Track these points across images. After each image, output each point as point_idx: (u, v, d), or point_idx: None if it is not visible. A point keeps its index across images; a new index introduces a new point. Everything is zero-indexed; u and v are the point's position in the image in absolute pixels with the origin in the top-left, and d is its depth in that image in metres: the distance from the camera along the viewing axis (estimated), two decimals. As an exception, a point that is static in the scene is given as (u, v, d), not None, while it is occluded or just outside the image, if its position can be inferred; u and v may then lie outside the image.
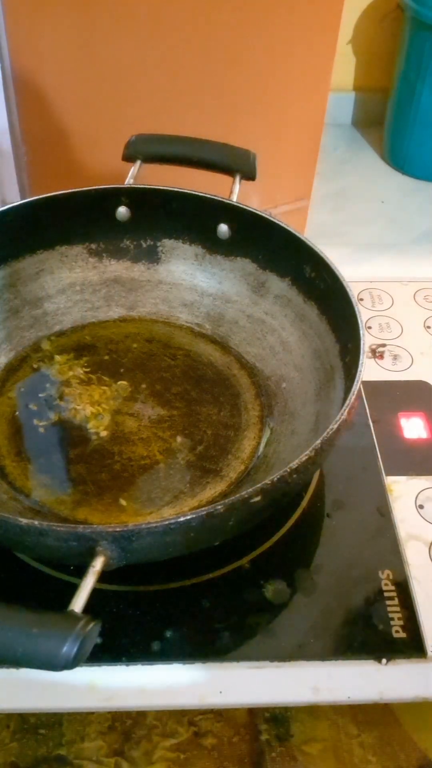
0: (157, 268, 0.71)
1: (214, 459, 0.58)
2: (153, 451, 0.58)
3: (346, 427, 0.47)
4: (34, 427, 0.60)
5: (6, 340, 0.66)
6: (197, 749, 0.45)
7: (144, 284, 0.71)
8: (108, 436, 0.59)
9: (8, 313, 0.67)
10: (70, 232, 0.68)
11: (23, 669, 0.47)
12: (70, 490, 0.55)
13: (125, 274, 0.71)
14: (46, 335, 0.68)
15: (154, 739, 0.46)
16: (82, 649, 0.35)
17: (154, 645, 0.48)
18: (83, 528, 0.40)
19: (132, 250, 0.70)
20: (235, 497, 0.41)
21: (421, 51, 1.89)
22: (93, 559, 0.40)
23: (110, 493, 0.55)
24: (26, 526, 0.40)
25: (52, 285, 0.69)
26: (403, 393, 0.65)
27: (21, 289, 0.67)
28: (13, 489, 0.55)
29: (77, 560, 0.40)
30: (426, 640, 0.48)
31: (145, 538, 0.40)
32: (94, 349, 0.67)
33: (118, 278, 0.70)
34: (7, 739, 0.46)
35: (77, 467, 0.57)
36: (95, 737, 0.46)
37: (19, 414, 0.61)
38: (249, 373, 0.65)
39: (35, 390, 0.63)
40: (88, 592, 0.38)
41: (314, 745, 0.45)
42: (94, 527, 0.40)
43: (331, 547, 0.54)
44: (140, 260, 0.70)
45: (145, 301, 0.70)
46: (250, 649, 0.48)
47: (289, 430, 0.58)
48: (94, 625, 0.36)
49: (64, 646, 0.35)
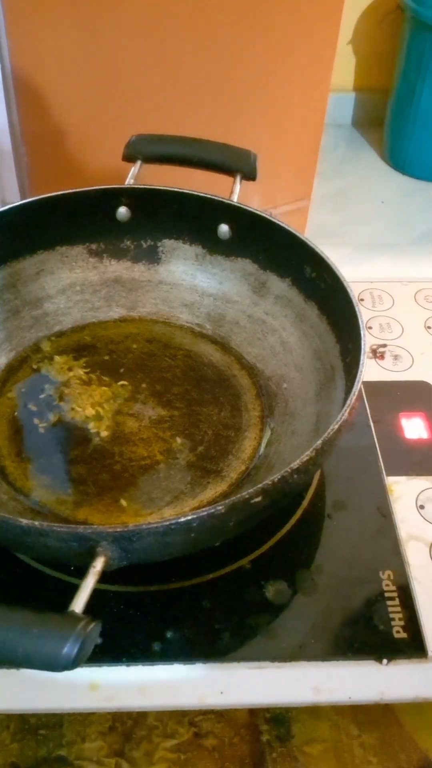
0: (157, 268, 0.70)
1: (215, 459, 0.58)
2: (153, 452, 0.58)
3: (347, 428, 0.47)
4: (35, 428, 0.60)
5: (6, 341, 0.66)
6: (198, 750, 0.45)
7: (144, 284, 0.71)
8: (108, 436, 0.59)
9: (8, 314, 0.66)
10: (71, 232, 0.68)
11: (24, 670, 0.47)
12: (71, 490, 0.55)
13: (126, 275, 0.71)
14: (46, 335, 0.67)
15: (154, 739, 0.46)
16: (82, 650, 0.35)
17: (154, 645, 0.48)
18: (84, 528, 0.40)
19: (132, 251, 0.70)
20: (236, 498, 0.41)
21: (421, 51, 1.89)
22: (93, 559, 0.39)
23: (111, 493, 0.55)
24: (27, 527, 0.40)
25: (52, 285, 0.69)
26: (404, 393, 0.65)
27: (21, 289, 0.67)
28: (14, 489, 0.55)
29: (78, 561, 0.40)
30: (427, 640, 0.48)
31: (145, 539, 0.40)
32: (94, 350, 0.67)
33: (118, 278, 0.70)
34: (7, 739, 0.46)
35: (77, 468, 0.57)
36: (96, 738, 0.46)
37: (19, 414, 0.61)
38: (249, 373, 0.65)
39: (35, 390, 0.63)
40: (88, 593, 0.38)
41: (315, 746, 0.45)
42: (94, 528, 0.40)
43: (332, 548, 0.54)
44: (141, 260, 0.70)
45: (146, 302, 0.70)
46: (250, 649, 0.48)
47: (289, 431, 0.58)
48: (95, 626, 0.36)
49: (65, 647, 0.35)
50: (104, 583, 0.50)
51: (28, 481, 0.56)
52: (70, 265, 0.69)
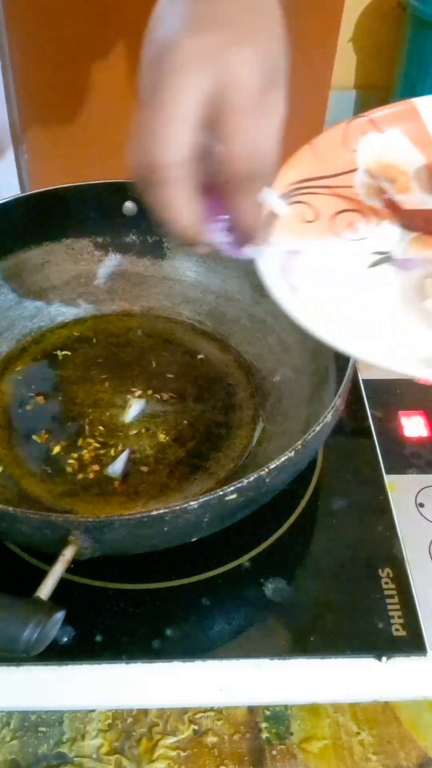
0: (162, 263, 0.71)
1: (205, 456, 0.58)
2: (144, 445, 0.58)
3: (328, 430, 0.47)
4: (29, 417, 0.60)
5: (8, 329, 0.66)
6: (198, 747, 0.45)
7: (148, 279, 0.71)
8: (101, 429, 0.59)
9: (12, 303, 0.67)
10: (78, 224, 0.68)
11: (23, 668, 0.47)
12: (59, 480, 0.56)
13: (130, 269, 0.71)
14: (48, 326, 0.68)
15: (154, 737, 0.46)
16: (43, 635, 0.35)
17: (154, 643, 0.48)
18: (56, 517, 0.40)
19: (138, 245, 0.70)
20: (210, 494, 0.41)
21: (423, 49, 1.89)
22: (64, 547, 0.40)
23: (98, 485, 0.55)
24: (1, 512, 0.40)
25: (56, 276, 0.69)
26: (404, 391, 0.65)
27: (26, 279, 0.68)
28: (3, 476, 0.56)
29: (51, 548, 0.41)
30: (426, 638, 0.48)
31: (117, 530, 0.41)
32: (94, 342, 0.67)
33: (122, 272, 0.71)
34: (7, 737, 0.46)
35: (68, 458, 0.57)
36: (96, 735, 0.46)
37: (14, 403, 0.61)
38: (246, 372, 0.65)
39: (33, 380, 0.63)
40: (55, 580, 0.39)
41: (314, 743, 0.46)
42: (67, 516, 0.41)
43: (331, 545, 0.54)
44: (145, 255, 0.71)
45: (149, 296, 0.71)
46: (250, 647, 0.48)
47: (280, 431, 0.58)
48: (58, 613, 0.37)
49: (25, 631, 0.35)
50: (104, 580, 0.50)
51: (17, 469, 0.57)
52: (76, 258, 0.70)
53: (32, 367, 0.65)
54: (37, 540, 0.43)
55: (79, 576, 0.50)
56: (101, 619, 0.49)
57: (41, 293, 0.68)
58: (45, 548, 0.46)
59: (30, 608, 0.36)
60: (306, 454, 0.45)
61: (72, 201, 0.66)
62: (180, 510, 0.40)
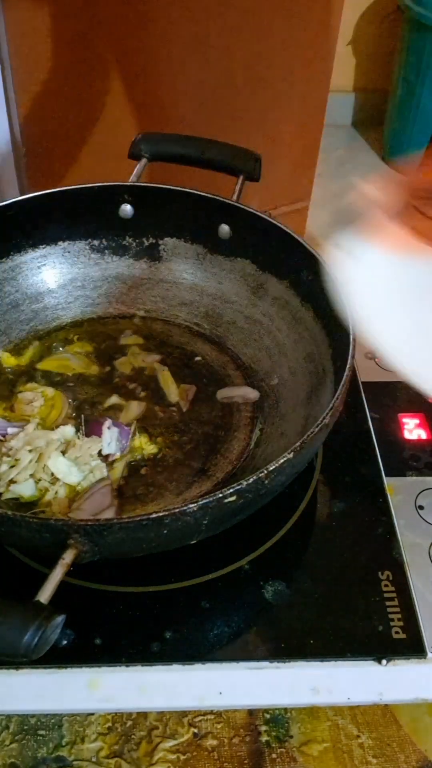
0: (158, 266, 0.71)
1: (203, 458, 0.58)
2: (141, 449, 0.58)
3: (326, 431, 0.47)
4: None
5: (4, 333, 0.66)
6: (197, 750, 0.45)
7: (145, 282, 0.71)
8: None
9: (8, 306, 0.67)
10: (74, 227, 0.68)
11: (23, 671, 0.47)
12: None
13: (127, 272, 0.71)
14: (44, 329, 0.68)
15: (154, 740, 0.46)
16: (43, 639, 0.35)
17: (153, 646, 0.48)
18: (55, 520, 0.40)
19: (134, 248, 0.70)
20: (210, 497, 0.41)
21: (421, 52, 1.89)
22: (64, 551, 0.40)
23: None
24: (1, 516, 0.40)
25: (53, 280, 0.69)
26: (403, 394, 0.65)
27: (22, 282, 0.68)
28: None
29: (50, 552, 0.41)
30: (426, 640, 0.48)
31: (116, 533, 0.40)
32: (91, 345, 0.67)
33: (119, 275, 0.71)
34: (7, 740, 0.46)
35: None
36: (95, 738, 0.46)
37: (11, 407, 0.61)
38: (244, 374, 0.65)
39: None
40: (55, 584, 0.39)
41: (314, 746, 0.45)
42: (66, 520, 0.40)
43: (331, 548, 0.54)
44: (142, 258, 0.71)
45: (145, 299, 0.71)
46: (249, 650, 0.48)
47: (278, 432, 0.58)
48: (58, 617, 0.37)
49: (26, 636, 0.35)
50: (103, 583, 0.50)
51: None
52: (72, 261, 0.70)
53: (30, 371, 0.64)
54: (36, 544, 0.43)
55: (78, 579, 0.50)
56: (101, 622, 0.49)
57: (38, 296, 0.68)
58: (45, 552, 0.46)
59: (30, 613, 0.36)
60: (305, 455, 0.45)
61: (68, 204, 0.66)
62: (179, 512, 0.40)
